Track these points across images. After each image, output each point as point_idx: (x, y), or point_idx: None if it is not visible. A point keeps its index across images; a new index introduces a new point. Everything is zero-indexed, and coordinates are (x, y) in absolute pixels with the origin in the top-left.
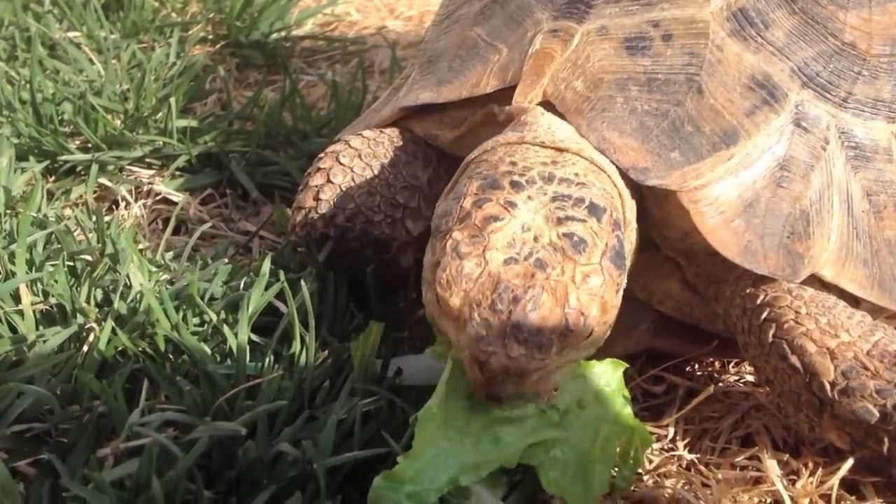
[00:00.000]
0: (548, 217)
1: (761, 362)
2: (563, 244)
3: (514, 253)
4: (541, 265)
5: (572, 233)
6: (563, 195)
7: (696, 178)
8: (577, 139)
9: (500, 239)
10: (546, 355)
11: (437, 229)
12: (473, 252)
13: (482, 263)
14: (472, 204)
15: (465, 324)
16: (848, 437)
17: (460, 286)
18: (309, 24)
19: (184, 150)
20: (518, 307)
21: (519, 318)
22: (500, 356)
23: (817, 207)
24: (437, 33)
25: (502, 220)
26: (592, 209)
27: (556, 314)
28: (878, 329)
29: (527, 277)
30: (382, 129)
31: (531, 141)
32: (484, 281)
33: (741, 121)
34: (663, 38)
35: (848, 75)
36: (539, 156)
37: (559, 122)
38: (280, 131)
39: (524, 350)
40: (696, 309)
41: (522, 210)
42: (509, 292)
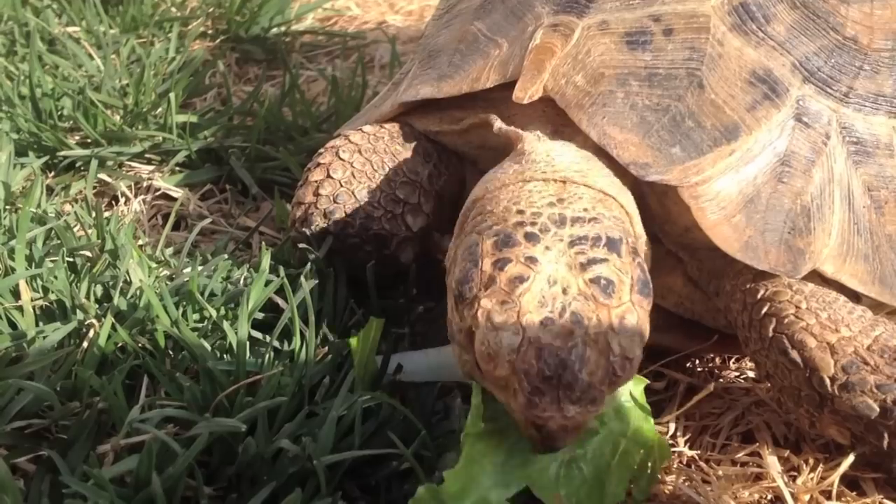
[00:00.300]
0: (570, 265)
1: (762, 357)
2: (593, 291)
3: (547, 312)
4: (577, 320)
5: (599, 276)
6: (579, 237)
7: (697, 173)
8: (578, 165)
9: (530, 300)
10: (600, 406)
11: (462, 295)
12: (508, 320)
13: (520, 331)
14: (492, 266)
15: (516, 393)
16: (848, 432)
17: (503, 358)
18: (309, 18)
19: (183, 146)
20: (567, 371)
21: (569, 381)
22: (557, 419)
23: (818, 203)
24: (437, 28)
25: (528, 279)
26: (611, 245)
27: (603, 365)
28: (878, 324)
29: (567, 337)
30: (382, 125)
31: (532, 177)
32: (526, 349)
33: (742, 116)
34: (664, 32)
35: (849, 70)
36: (543, 196)
37: (558, 148)
38: (280, 126)
39: (579, 408)
40: (698, 304)
41: (544, 263)
42: (554, 356)
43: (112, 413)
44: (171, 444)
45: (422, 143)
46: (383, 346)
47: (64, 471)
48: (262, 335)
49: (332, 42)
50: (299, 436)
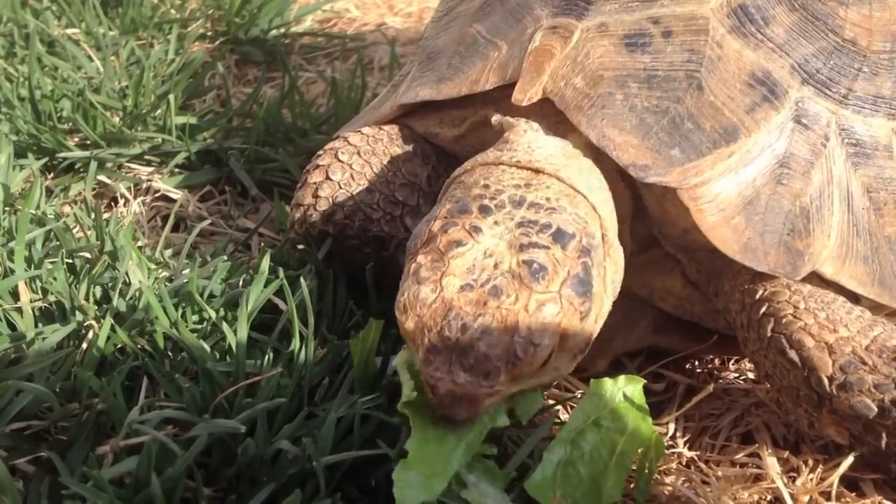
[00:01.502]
0: (511, 243)
1: (760, 357)
2: (522, 271)
3: (471, 279)
4: (495, 293)
5: (532, 260)
6: (529, 221)
7: (697, 175)
8: (556, 159)
9: (460, 265)
10: (493, 382)
11: (408, 251)
12: (432, 277)
13: (438, 289)
14: (439, 227)
15: (418, 348)
16: (847, 432)
17: (415, 311)
18: (308, 20)
19: (183, 147)
20: (466, 335)
21: (465, 346)
22: (446, 382)
23: (818, 205)
24: (436, 30)
25: (465, 245)
26: (558, 236)
27: (504, 342)
28: (877, 324)
29: (479, 305)
30: (381, 127)
31: (508, 161)
32: (437, 307)
33: (741, 118)
34: (663, 34)
35: (848, 72)
36: (514, 178)
37: (542, 140)
38: (279, 128)
39: (470, 377)
40: (697, 306)
41: (487, 235)
42: (459, 319)
43: (111, 414)
44: (171, 446)
45: (421, 145)
46: (383, 347)
47: (63, 472)
48: (261, 336)
49: (331, 44)
50: (299, 437)
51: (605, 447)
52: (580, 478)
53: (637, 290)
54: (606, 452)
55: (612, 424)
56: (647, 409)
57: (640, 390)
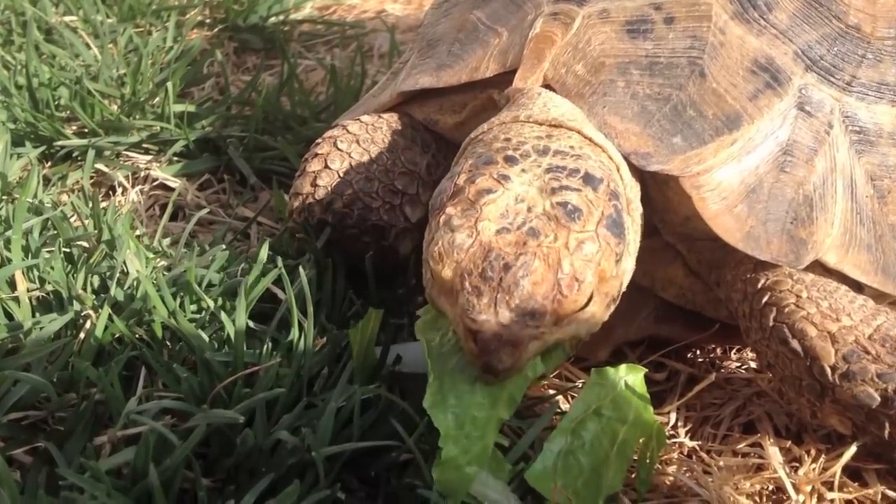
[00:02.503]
0: (542, 188)
1: (762, 347)
2: (557, 213)
3: (506, 223)
4: (533, 233)
5: (566, 201)
6: (557, 167)
7: (699, 163)
8: (573, 115)
9: (492, 210)
10: (540, 322)
11: (433, 207)
12: (465, 224)
13: (474, 234)
14: (465, 180)
15: (458, 294)
16: (849, 422)
17: (452, 257)
18: (307, 7)
19: (181, 136)
20: (509, 274)
21: (510, 284)
22: (491, 323)
23: (821, 192)
24: (436, 17)
25: (495, 192)
26: (588, 179)
27: (549, 280)
28: (880, 313)
29: (519, 245)
30: (381, 115)
31: (525, 119)
32: (475, 250)
33: (744, 105)
34: (665, 20)
35: (852, 58)
36: (534, 131)
37: (557, 99)
38: (278, 116)
39: (516, 317)
40: (699, 295)
41: (516, 182)
42: (500, 260)
43: (109, 404)
44: (169, 436)
45: (420, 134)
46: (382, 336)
47: (60, 463)
48: (260, 326)
49: (330, 31)
50: (298, 427)
51: (606, 437)
52: (581, 467)
53: (639, 280)
54: (607, 442)
55: (614, 414)
56: (648, 398)
57: (642, 379)
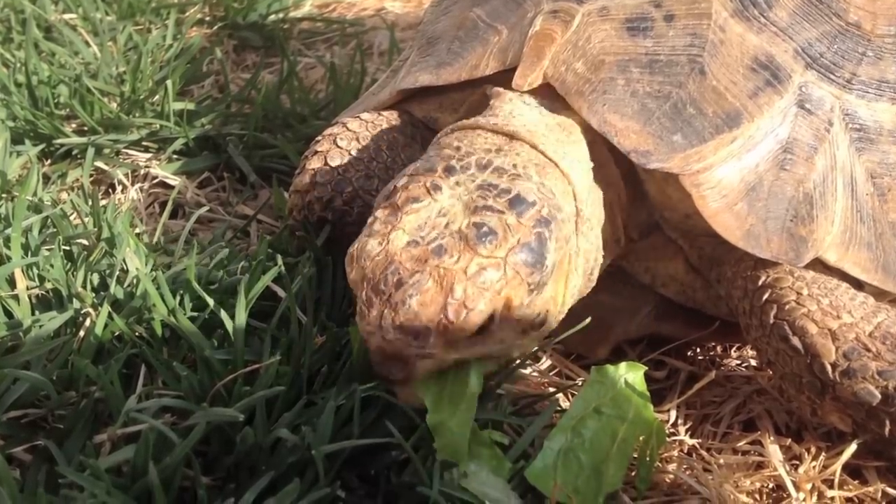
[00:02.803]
0: (467, 205)
1: (763, 344)
2: (470, 233)
3: (419, 236)
4: (438, 251)
5: (483, 223)
6: (490, 184)
7: (699, 161)
8: (534, 128)
9: (412, 221)
10: (424, 344)
11: (375, 205)
12: (382, 231)
13: (384, 242)
14: (402, 184)
15: (356, 300)
16: (850, 419)
17: (360, 262)
18: (307, 5)
19: (181, 134)
20: (399, 290)
21: (397, 302)
22: (376, 337)
23: (821, 190)
24: (436, 14)
25: (422, 202)
26: (516, 202)
27: (438, 302)
28: (880, 311)
29: (419, 262)
30: (380, 112)
31: (484, 125)
32: (380, 260)
33: (744, 103)
34: (665, 18)
35: (852, 56)
36: (486, 142)
37: (524, 109)
38: (278, 114)
39: (400, 335)
40: (700, 292)
41: (446, 195)
42: (395, 275)
43: (109, 402)
44: (169, 434)
45: (420, 131)
46: None
47: (60, 461)
48: (260, 324)
49: (330, 29)
50: (298, 425)
51: (606, 434)
52: (581, 465)
53: (639, 277)
54: (608, 440)
55: (614, 412)
56: (648, 396)
57: (642, 377)
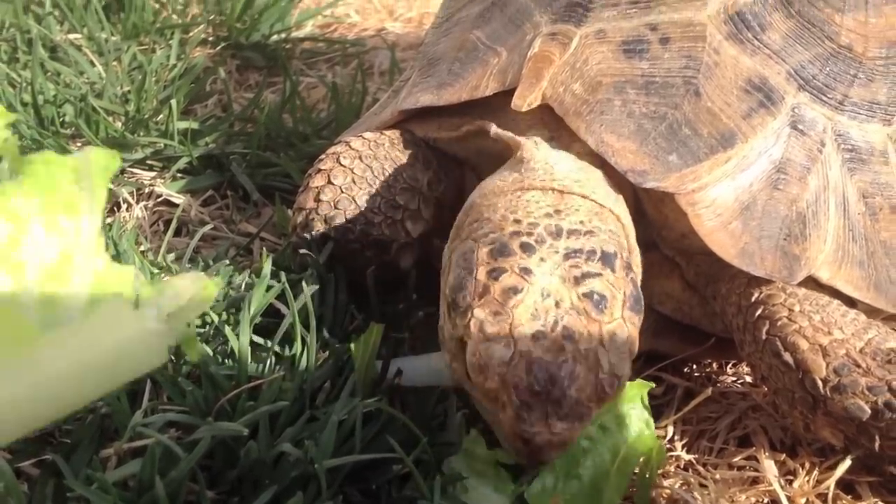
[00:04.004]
0: (564, 277)
1: (756, 360)
2: (585, 305)
3: (539, 325)
4: (568, 334)
5: (592, 291)
6: (574, 250)
7: (694, 180)
8: (576, 175)
9: (523, 312)
10: (588, 420)
11: (455, 303)
12: (500, 332)
13: (511, 344)
14: (486, 276)
15: (505, 406)
16: (841, 434)
17: (494, 370)
18: (308, 25)
19: (185, 152)
20: (556, 387)
21: (558, 397)
22: (543, 434)
23: (814, 210)
24: (436, 36)
25: (521, 290)
26: (605, 259)
27: (592, 382)
28: (871, 327)
29: (557, 351)
30: (383, 131)
31: (530, 185)
32: (517, 363)
33: (738, 124)
34: (661, 41)
35: (844, 78)
36: (541, 205)
37: (556, 156)
38: (280, 133)
39: (566, 424)
40: (696, 309)
41: (538, 275)
42: (544, 371)
43: (115, 417)
44: (174, 448)
45: (422, 150)
46: (383, 350)
47: (68, 475)
48: (263, 340)
49: (331, 49)
50: (301, 440)
51: (608, 452)
52: (581, 482)
53: None
54: (609, 457)
55: (617, 429)
56: (650, 415)
57: (645, 396)
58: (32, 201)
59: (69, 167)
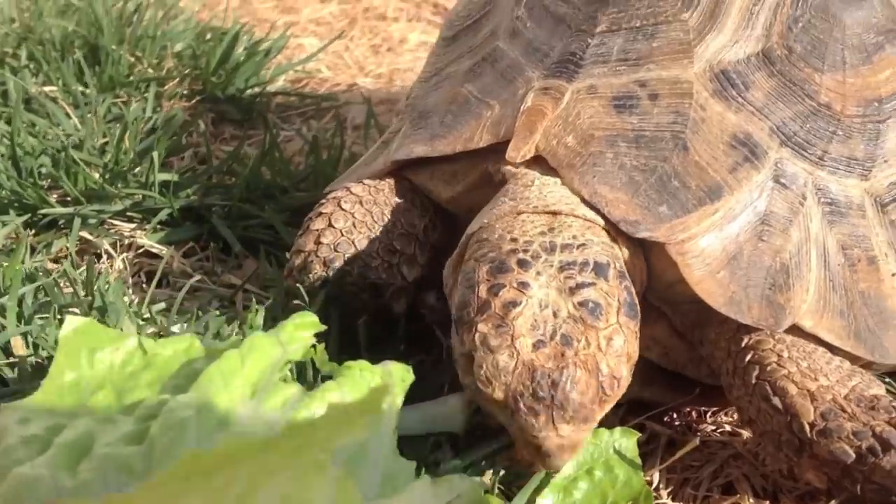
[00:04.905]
0: (560, 289)
1: (744, 403)
2: (581, 313)
3: (539, 335)
4: (567, 342)
5: (587, 300)
6: (568, 263)
7: (684, 231)
8: (568, 199)
9: (523, 324)
10: (592, 423)
11: (461, 320)
12: (503, 343)
13: (514, 354)
14: (487, 291)
15: (513, 414)
16: (825, 477)
17: (500, 380)
18: (280, 80)
19: (166, 204)
20: (559, 390)
21: (562, 400)
22: (552, 438)
23: (797, 260)
24: (425, 90)
25: (520, 303)
26: (598, 269)
27: (593, 385)
28: (855, 374)
29: (558, 358)
30: (382, 178)
31: (524, 209)
32: (521, 371)
33: (725, 177)
34: (650, 97)
35: (823, 135)
36: (536, 225)
37: (549, 184)
38: (259, 185)
39: (573, 426)
40: (682, 354)
41: (535, 288)
42: (547, 378)
43: None
44: None
45: (419, 198)
46: None
47: None
48: None
49: (304, 103)
50: None
51: (596, 497)
52: None
53: None
54: (597, 502)
55: (605, 475)
56: (639, 462)
57: (635, 444)
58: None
59: (377, 374)
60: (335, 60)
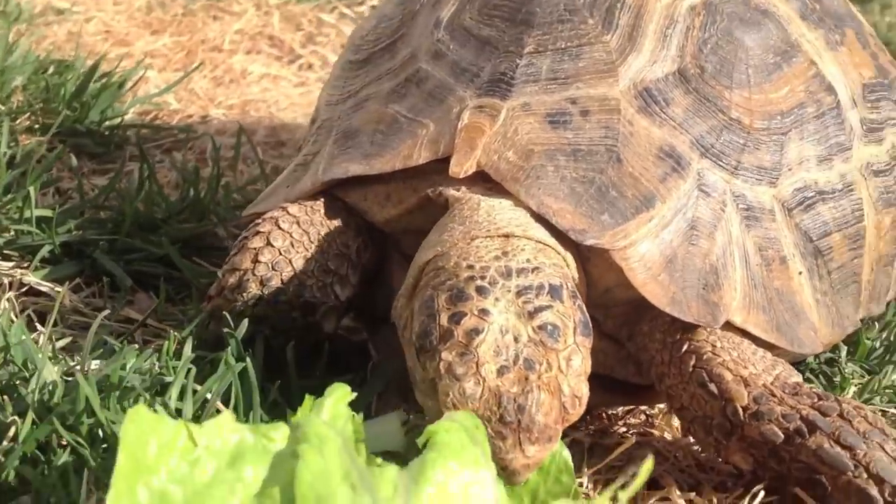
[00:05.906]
0: (519, 313)
1: (679, 390)
2: (541, 337)
3: (503, 361)
4: (530, 366)
5: (545, 323)
6: (525, 287)
7: (624, 238)
8: (517, 220)
9: (486, 350)
10: (556, 441)
11: (423, 348)
12: (469, 371)
13: (480, 381)
14: (448, 320)
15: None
16: (751, 458)
17: (467, 407)
18: (130, 113)
19: (46, 240)
20: (525, 414)
21: (528, 423)
22: (520, 459)
23: (723, 262)
24: (342, 111)
25: (482, 330)
26: (553, 292)
27: (556, 406)
28: (777, 364)
29: (522, 382)
30: (317, 199)
31: (477, 233)
32: (488, 398)
33: (656, 186)
34: (581, 113)
35: (736, 146)
36: (490, 250)
37: (495, 205)
38: (137, 218)
39: (538, 447)
40: (611, 356)
41: (495, 314)
42: (513, 403)
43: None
44: None
45: (354, 218)
46: None
47: None
48: None
49: (160, 136)
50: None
51: (527, 494)
52: None
53: None
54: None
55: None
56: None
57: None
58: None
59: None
60: (182, 93)
